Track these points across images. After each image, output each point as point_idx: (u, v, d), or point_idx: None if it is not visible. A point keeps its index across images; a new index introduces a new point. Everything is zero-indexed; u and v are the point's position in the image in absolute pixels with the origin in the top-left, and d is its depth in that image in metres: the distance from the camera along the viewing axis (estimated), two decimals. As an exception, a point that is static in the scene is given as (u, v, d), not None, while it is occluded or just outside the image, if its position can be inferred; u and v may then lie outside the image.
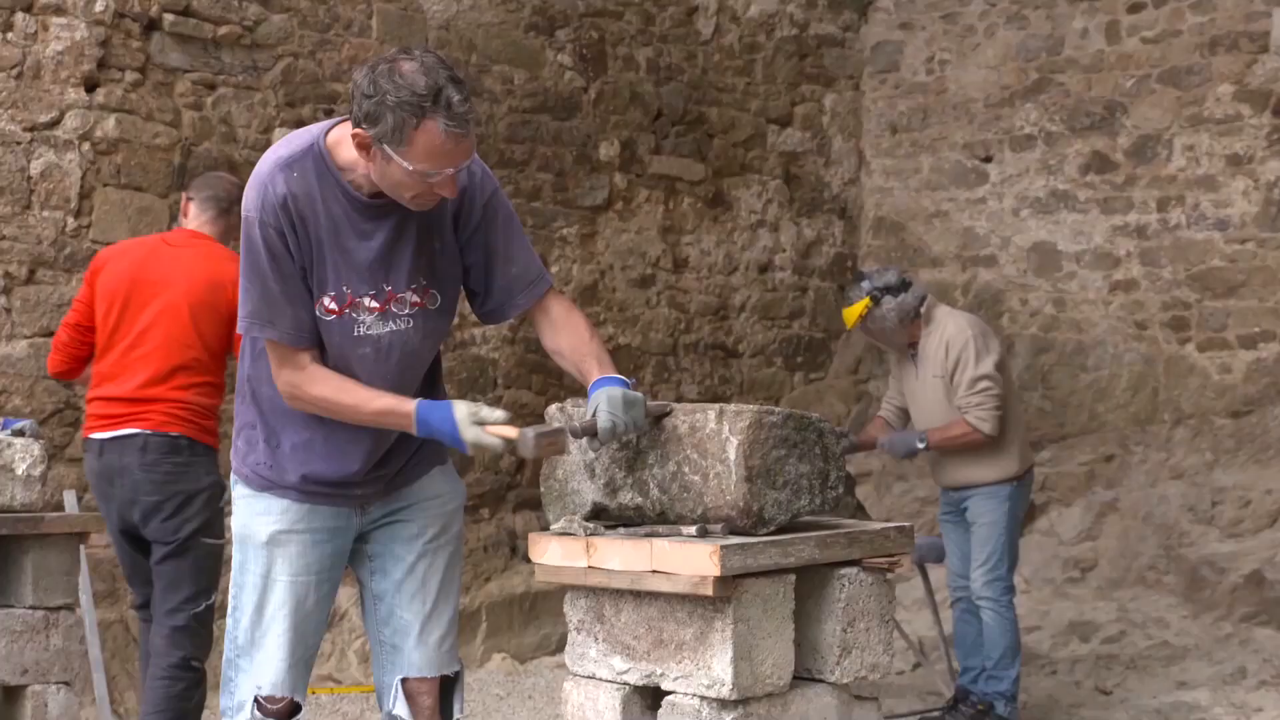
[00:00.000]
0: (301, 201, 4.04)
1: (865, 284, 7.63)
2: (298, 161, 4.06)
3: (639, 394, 4.22)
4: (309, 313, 4.13)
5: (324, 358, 4.19)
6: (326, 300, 4.12)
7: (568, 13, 10.45)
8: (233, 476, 4.43)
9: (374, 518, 4.42)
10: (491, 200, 4.25)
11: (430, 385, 4.45)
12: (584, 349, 4.30)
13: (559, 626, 9.27)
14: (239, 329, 4.20)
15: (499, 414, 4.10)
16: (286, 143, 4.14)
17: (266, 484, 4.31)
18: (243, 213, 4.10)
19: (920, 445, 7.50)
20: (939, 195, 11.94)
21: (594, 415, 4.15)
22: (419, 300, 4.21)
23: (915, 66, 12.10)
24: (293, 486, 4.29)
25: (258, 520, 4.33)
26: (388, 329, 4.19)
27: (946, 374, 7.48)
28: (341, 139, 4.07)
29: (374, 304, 4.15)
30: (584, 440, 4.25)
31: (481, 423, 4.08)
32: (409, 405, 4.12)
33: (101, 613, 8.11)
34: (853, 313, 7.65)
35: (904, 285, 7.61)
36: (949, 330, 7.53)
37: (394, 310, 4.18)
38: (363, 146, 3.96)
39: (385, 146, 3.91)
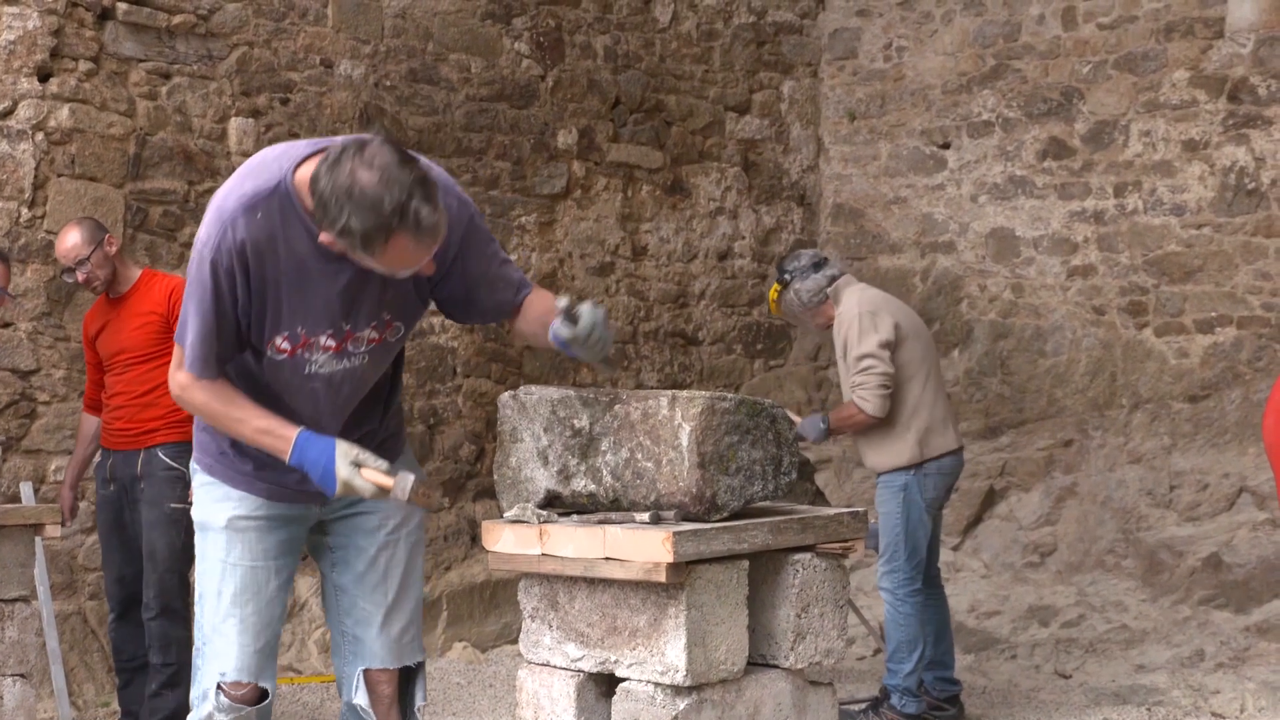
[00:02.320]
0: (262, 245, 3.96)
1: (780, 269, 7.62)
2: (263, 201, 3.95)
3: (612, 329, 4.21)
4: (233, 349, 4.10)
5: (264, 387, 4.19)
6: (279, 340, 4.09)
7: (524, 1, 10.43)
8: (193, 465, 4.43)
9: (334, 508, 4.41)
10: (468, 230, 4.17)
11: (390, 385, 4.45)
12: (545, 306, 4.28)
13: (519, 615, 9.26)
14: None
15: (381, 463, 4.10)
16: (254, 174, 4.02)
17: (229, 475, 4.31)
18: (197, 241, 4.03)
19: (822, 426, 7.35)
20: (897, 182, 11.96)
21: (578, 310, 4.13)
22: (378, 336, 4.18)
23: (873, 53, 12.11)
24: (254, 477, 4.28)
25: (216, 507, 4.33)
26: (341, 366, 4.17)
27: (841, 355, 7.43)
28: (309, 176, 3.91)
29: (330, 342, 4.12)
30: (559, 321, 4.17)
31: (359, 464, 4.07)
32: (290, 431, 4.09)
33: (59, 604, 8.09)
34: (771, 298, 7.65)
35: (816, 267, 7.53)
36: (842, 310, 7.45)
37: (350, 349, 4.16)
38: (332, 243, 3.88)
39: (357, 251, 3.85)
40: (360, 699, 4.45)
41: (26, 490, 7.94)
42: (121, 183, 8.49)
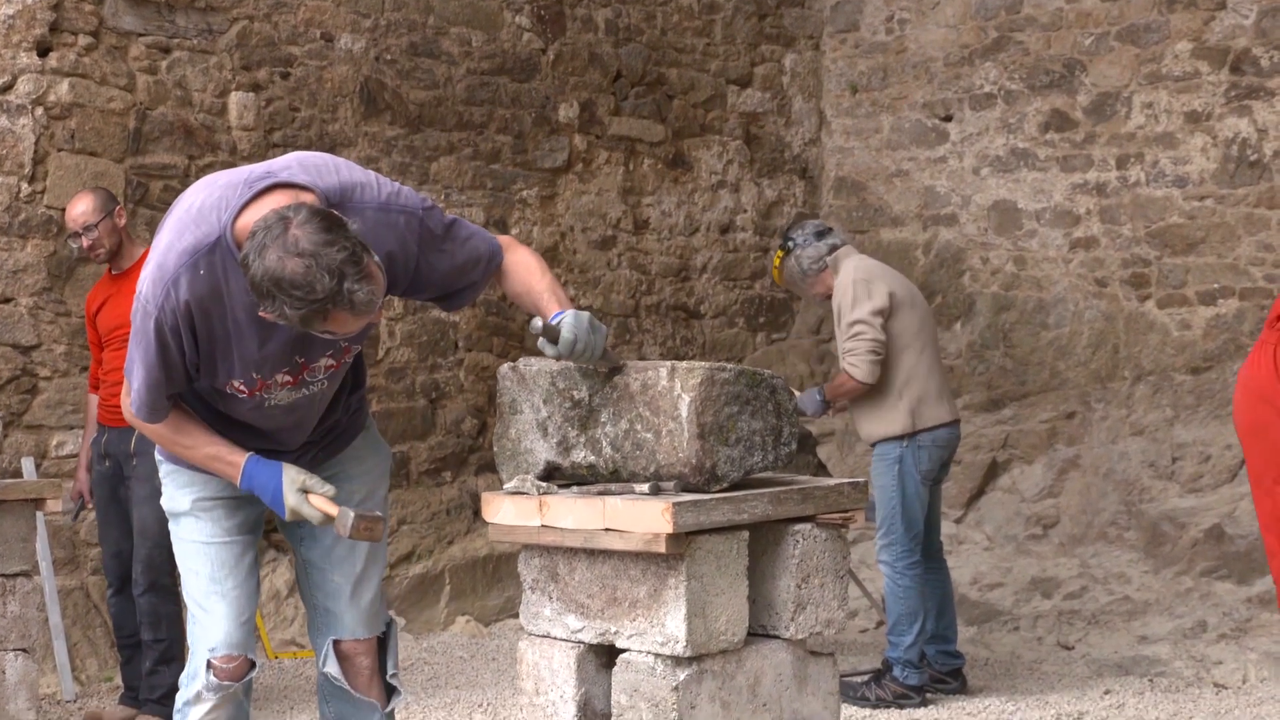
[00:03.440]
0: (206, 301, 3.93)
1: (784, 236, 7.68)
2: (204, 257, 3.89)
3: (602, 325, 4.18)
4: (181, 388, 4.14)
5: (222, 412, 4.25)
6: (236, 383, 4.12)
7: (525, -26, 10.41)
8: (158, 455, 4.49)
9: None
10: (422, 237, 4.09)
11: (353, 374, 4.48)
12: (537, 287, 4.24)
13: (521, 588, 9.26)
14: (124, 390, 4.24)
15: (328, 488, 4.17)
16: (193, 225, 3.93)
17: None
18: (140, 291, 4.01)
19: (819, 399, 7.42)
20: (899, 155, 11.94)
21: (558, 324, 4.09)
22: (334, 363, 4.20)
23: (875, 26, 12.07)
24: None
25: (181, 493, 4.41)
26: (300, 394, 4.21)
27: (838, 323, 7.45)
28: (249, 226, 3.84)
29: (286, 378, 4.14)
30: (540, 340, 4.12)
31: (305, 491, 4.14)
32: (239, 457, 4.19)
33: (62, 580, 8.10)
34: (774, 265, 7.69)
35: (819, 235, 7.57)
36: (840, 278, 7.47)
37: (306, 379, 4.18)
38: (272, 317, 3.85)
39: (297, 328, 3.84)
40: (331, 668, 4.52)
41: (28, 465, 7.95)
42: (122, 157, 8.48)
